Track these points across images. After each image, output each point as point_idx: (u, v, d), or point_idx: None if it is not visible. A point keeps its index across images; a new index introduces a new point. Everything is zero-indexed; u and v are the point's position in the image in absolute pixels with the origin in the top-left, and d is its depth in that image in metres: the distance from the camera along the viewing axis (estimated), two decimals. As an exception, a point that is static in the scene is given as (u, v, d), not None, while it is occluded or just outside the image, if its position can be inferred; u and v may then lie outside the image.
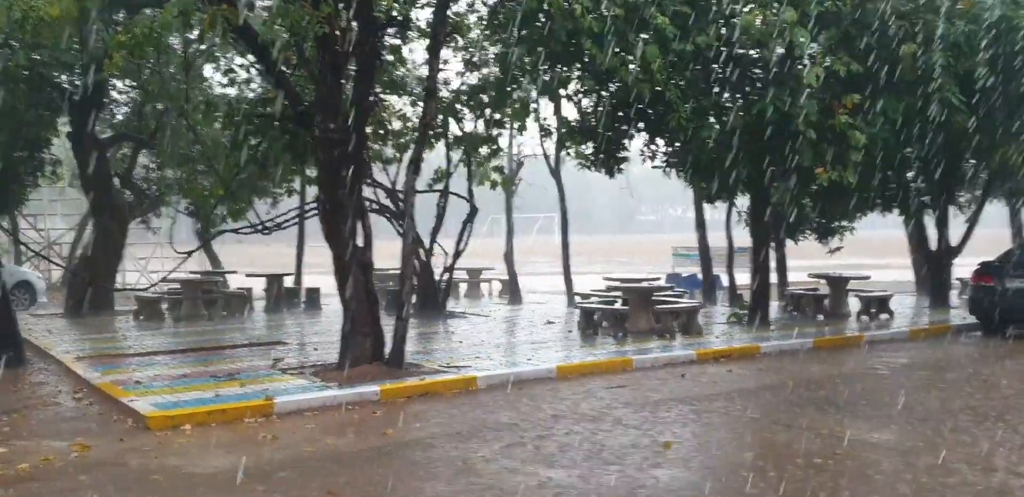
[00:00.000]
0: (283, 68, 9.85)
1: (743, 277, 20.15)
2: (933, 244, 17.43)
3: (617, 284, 14.69)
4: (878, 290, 15.91)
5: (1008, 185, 19.47)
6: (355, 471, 6.25)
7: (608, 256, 51.52)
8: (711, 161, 12.55)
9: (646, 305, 13.17)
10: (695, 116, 11.53)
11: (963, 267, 17.91)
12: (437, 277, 15.89)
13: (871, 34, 11.74)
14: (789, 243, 19.38)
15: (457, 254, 15.53)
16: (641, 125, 12.91)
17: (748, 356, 11.67)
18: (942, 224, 16.94)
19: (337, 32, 8.64)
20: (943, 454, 6.45)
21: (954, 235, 17.52)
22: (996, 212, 24.03)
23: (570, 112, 13.53)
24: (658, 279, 16.11)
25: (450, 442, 7.08)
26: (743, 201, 18.63)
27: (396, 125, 14.10)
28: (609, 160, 13.85)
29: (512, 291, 19.21)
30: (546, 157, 17.98)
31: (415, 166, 10.02)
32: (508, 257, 19.13)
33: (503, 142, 18.22)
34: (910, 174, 16.02)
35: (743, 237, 18.89)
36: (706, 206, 18.74)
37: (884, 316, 15.24)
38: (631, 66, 10.98)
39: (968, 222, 17.62)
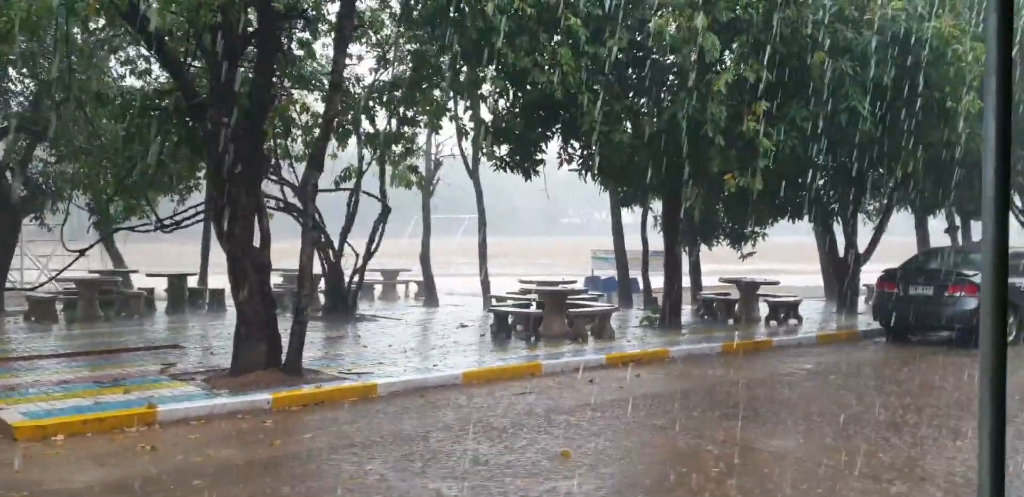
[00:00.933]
0: (180, 58, 9.38)
1: (659, 281, 20.32)
2: (842, 251, 17.76)
3: (532, 287, 14.53)
4: (788, 295, 16.12)
5: (913, 194, 20.03)
6: (235, 485, 5.89)
7: (530, 258, 51.54)
8: (624, 165, 12.48)
9: (560, 308, 13.04)
10: (608, 120, 11.43)
11: (870, 273, 18.31)
12: (347, 279, 15.47)
13: (782, 42, 11.82)
14: (703, 248, 19.58)
15: (368, 255, 15.15)
16: (556, 128, 12.76)
17: (658, 360, 11.63)
18: (850, 231, 17.28)
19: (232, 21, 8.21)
20: (843, 463, 6.42)
21: (862, 242, 17.91)
22: (904, 220, 24.79)
23: (486, 112, 13.26)
24: (574, 282, 16.02)
25: (340, 454, 6.76)
26: (659, 205, 18.78)
27: (305, 120, 13.63)
28: (524, 162, 13.66)
29: (428, 293, 18.89)
30: (464, 157, 17.74)
31: (316, 162, 9.65)
32: (424, 258, 18.81)
33: (421, 141, 17.95)
34: (820, 182, 16.27)
35: (660, 241, 19.03)
36: (625, 210, 18.78)
37: (793, 321, 15.44)
38: (545, 68, 10.81)
39: (875, 230, 18.02)
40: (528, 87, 11.31)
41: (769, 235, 19.81)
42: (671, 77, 12.13)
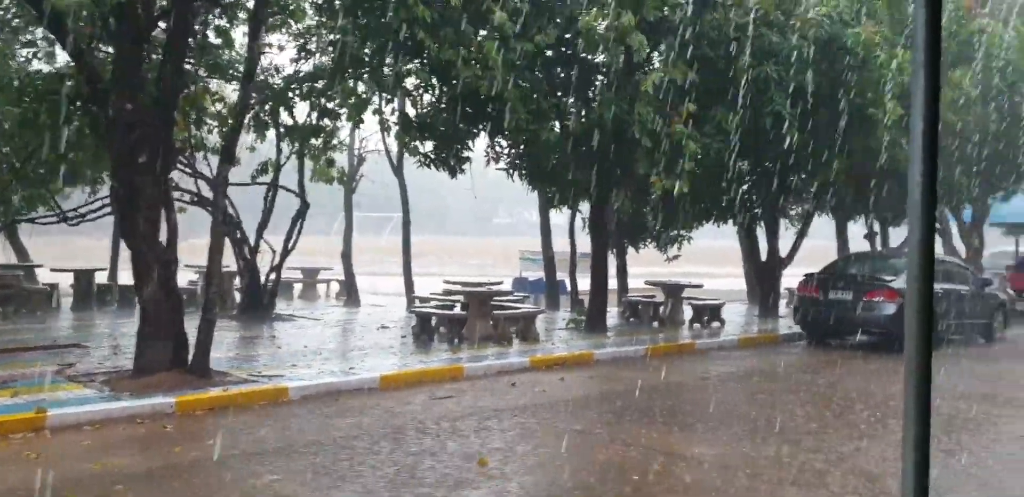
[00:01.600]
0: (82, 40, 8.81)
1: (587, 283, 20.21)
2: (765, 255, 17.94)
3: (457, 288, 14.24)
4: (711, 298, 16.18)
5: (834, 200, 20.37)
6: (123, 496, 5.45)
7: (460, 258, 51.14)
8: (551, 165, 12.29)
9: (484, 310, 12.77)
10: (535, 118, 11.22)
11: (792, 277, 18.55)
12: (264, 277, 14.91)
13: (708, 45, 11.80)
14: (631, 250, 19.56)
15: (285, 252, 14.64)
16: (484, 125, 12.49)
17: (582, 363, 11.46)
18: (772, 235, 17.45)
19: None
20: (764, 469, 6.31)
21: (785, 246, 18.12)
22: (827, 224, 25.19)
23: (413, 107, 12.87)
24: (500, 283, 15.78)
25: (244, 462, 6.37)
26: (588, 207, 18.69)
27: (219, 110, 13.05)
28: (449, 159, 13.36)
29: (349, 293, 18.41)
30: (388, 153, 17.34)
31: (227, 154, 9.20)
32: (346, 257, 18.31)
33: (344, 136, 17.48)
34: (745, 186, 16.38)
35: (588, 243, 18.93)
36: (555, 211, 18.59)
37: (716, 324, 15.48)
38: (471, 62, 10.54)
39: (797, 234, 18.24)
40: (453, 82, 11.00)
41: (696, 238, 19.93)
42: (600, 76, 11.97)
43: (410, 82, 12.01)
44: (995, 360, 12.90)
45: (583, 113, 11.66)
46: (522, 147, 12.44)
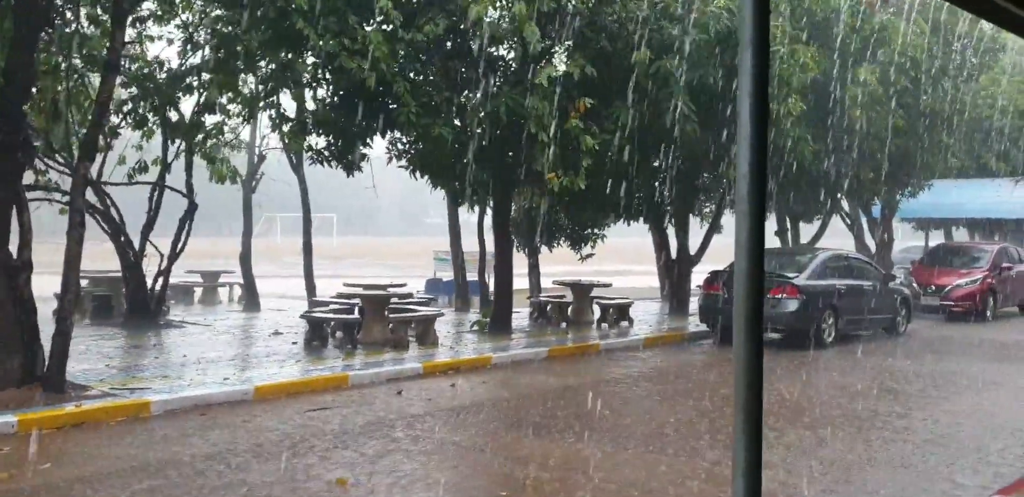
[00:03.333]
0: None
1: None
2: (675, 252, 17.80)
3: (355, 290, 13.68)
4: (620, 297, 15.94)
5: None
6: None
7: (384, 259, 50.32)
8: (450, 162, 11.83)
9: (381, 314, 12.26)
10: (427, 112, 10.75)
11: (703, 275, 18.45)
12: (151, 281, 14.09)
13: (607, 38, 11.50)
14: (545, 249, 19.21)
15: (173, 256, 13.86)
16: (375, 120, 11.95)
17: (479, 368, 11.04)
18: (682, 232, 17.31)
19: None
20: (654, 477, 5.97)
21: (700, 244, 18.01)
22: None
23: (300, 102, 12.21)
24: (403, 285, 15.26)
25: (80, 487, 5.78)
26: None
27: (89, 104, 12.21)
28: (345, 156, 12.79)
29: (249, 297, 17.65)
30: (287, 151, 16.64)
31: (86, 150, 8.51)
32: (244, 259, 17.54)
33: (244, 134, 16.76)
34: (655, 183, 16.18)
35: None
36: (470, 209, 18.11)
37: (624, 324, 15.25)
38: (355, 53, 10.01)
39: (707, 232, 18.15)
40: (339, 74, 10.45)
41: (611, 236, 19.68)
42: (497, 69, 11.54)
43: (304, 76, 11.38)
44: (896, 356, 12.92)
45: (479, 108, 11.22)
46: (420, 143, 11.93)
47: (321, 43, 9.70)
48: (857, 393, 9.78)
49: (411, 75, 10.79)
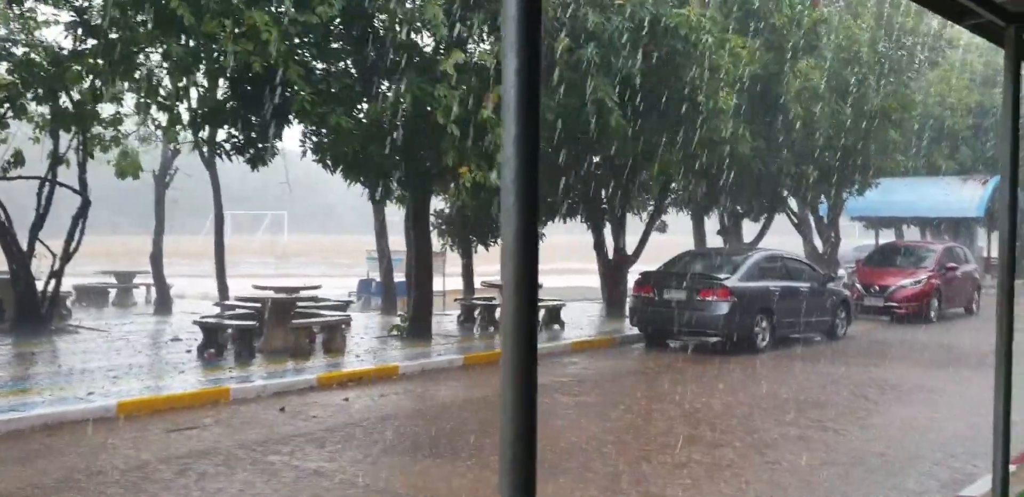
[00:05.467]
0: None
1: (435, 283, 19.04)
2: (613, 252, 17.10)
3: (263, 293, 12.77)
4: (552, 299, 15.21)
5: (685, 194, 19.77)
6: None
7: (331, 257, 49.24)
8: (358, 155, 10.99)
9: (284, 319, 11.39)
10: (324, 100, 9.90)
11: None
12: (43, 283, 13.05)
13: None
14: (481, 249, 18.42)
15: (66, 256, 12.84)
16: (269, 109, 11.06)
17: (384, 379, 10.22)
18: (618, 231, 16.62)
19: None
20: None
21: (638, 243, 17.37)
22: (688, 220, 24.66)
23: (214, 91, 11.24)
24: (318, 287, 14.39)
25: None
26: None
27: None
28: (249, 148, 11.89)
29: (161, 300, 16.63)
30: (199, 144, 15.65)
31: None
32: (155, 259, 16.51)
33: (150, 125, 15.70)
34: (591, 181, 15.47)
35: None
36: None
37: (556, 327, 14.52)
38: (243, 37, 9.13)
39: (644, 231, 17.48)
40: (223, 59, 9.55)
41: (561, 234, 18.93)
42: (402, 56, 10.69)
43: (186, 62, 10.43)
44: (831, 361, 12.33)
45: (384, 96, 10.41)
46: (323, 135, 11.08)
47: (201, 26, 8.79)
48: (781, 404, 9.13)
49: (307, 60, 9.93)
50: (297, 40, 9.80)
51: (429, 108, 10.09)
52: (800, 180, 18.60)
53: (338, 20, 10.20)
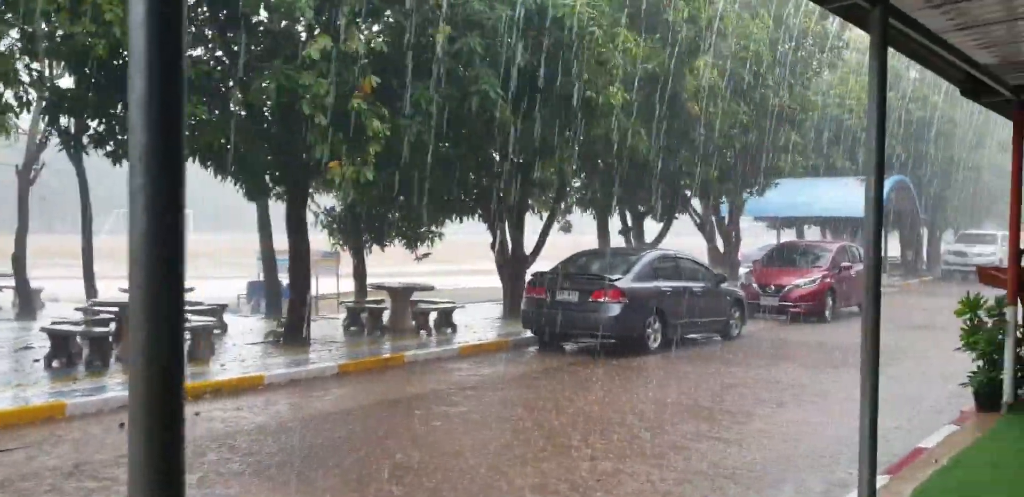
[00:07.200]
0: None
1: (328, 285, 18.24)
2: (511, 252, 16.62)
3: (124, 297, 11.82)
4: (444, 302, 14.65)
5: (588, 192, 19.47)
6: None
7: (235, 257, 47.55)
8: (220, 148, 10.21)
9: (143, 325, 10.50)
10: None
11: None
12: None
13: (402, 11, 10.15)
14: (377, 248, 17.72)
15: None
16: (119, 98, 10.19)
17: (247, 389, 9.48)
18: (516, 230, 16.15)
19: None
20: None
21: (551, 242, 16.95)
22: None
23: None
24: (190, 289, 13.48)
25: None
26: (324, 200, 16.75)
27: None
28: (106, 142, 10.98)
29: (23, 304, 15.44)
30: (63, 136, 14.55)
31: None
32: (17, 260, 15.29)
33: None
34: (481, 176, 14.95)
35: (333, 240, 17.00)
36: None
37: (447, 330, 13.96)
38: (82, 16, 8.29)
39: (543, 230, 17.06)
40: (66, 42, 8.69)
41: (464, 234, 18.33)
42: (266, 41, 9.97)
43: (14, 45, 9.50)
44: (722, 362, 12.10)
45: (246, 84, 9.68)
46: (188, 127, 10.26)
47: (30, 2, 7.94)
48: (663, 409, 8.78)
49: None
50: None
51: (297, 98, 9.38)
52: (700, 180, 18.47)
53: (199, 1, 9.41)
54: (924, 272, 34.58)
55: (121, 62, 9.03)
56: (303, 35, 10.29)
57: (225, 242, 53.95)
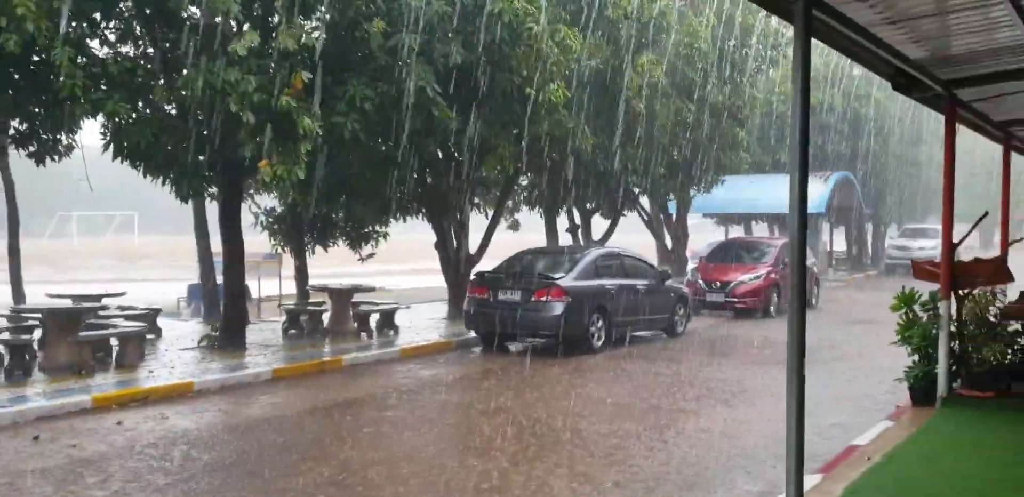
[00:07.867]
0: None
1: (270, 287, 17.86)
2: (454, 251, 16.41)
3: (54, 302, 11.43)
4: (385, 303, 14.40)
5: (534, 190, 19.34)
6: None
7: (177, 260, 46.61)
8: (149, 147, 9.85)
9: (69, 332, 10.12)
10: (91, 82, 8.76)
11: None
12: None
13: (335, 5, 9.89)
14: (320, 249, 17.38)
15: None
16: (39, 96, 9.79)
17: (175, 397, 9.16)
18: (460, 229, 15.94)
19: None
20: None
21: (498, 241, 16.77)
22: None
23: None
24: (122, 293, 13.08)
25: None
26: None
27: None
28: (29, 142, 10.54)
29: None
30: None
31: None
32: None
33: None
34: (424, 174, 14.72)
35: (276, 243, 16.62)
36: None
37: (389, 332, 13.72)
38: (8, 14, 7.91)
39: (487, 229, 16.86)
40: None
41: (412, 233, 18.02)
42: (194, 37, 9.61)
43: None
44: (665, 360, 12.05)
45: (172, 81, 9.35)
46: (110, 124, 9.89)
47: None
48: (604, 408, 8.67)
49: (80, 41, 8.77)
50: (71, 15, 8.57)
51: (224, 95, 9.07)
52: (647, 177, 18.44)
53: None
54: (869, 266, 35.13)
55: (38, 59, 8.65)
56: (226, 30, 9.97)
57: (171, 244, 52.98)
